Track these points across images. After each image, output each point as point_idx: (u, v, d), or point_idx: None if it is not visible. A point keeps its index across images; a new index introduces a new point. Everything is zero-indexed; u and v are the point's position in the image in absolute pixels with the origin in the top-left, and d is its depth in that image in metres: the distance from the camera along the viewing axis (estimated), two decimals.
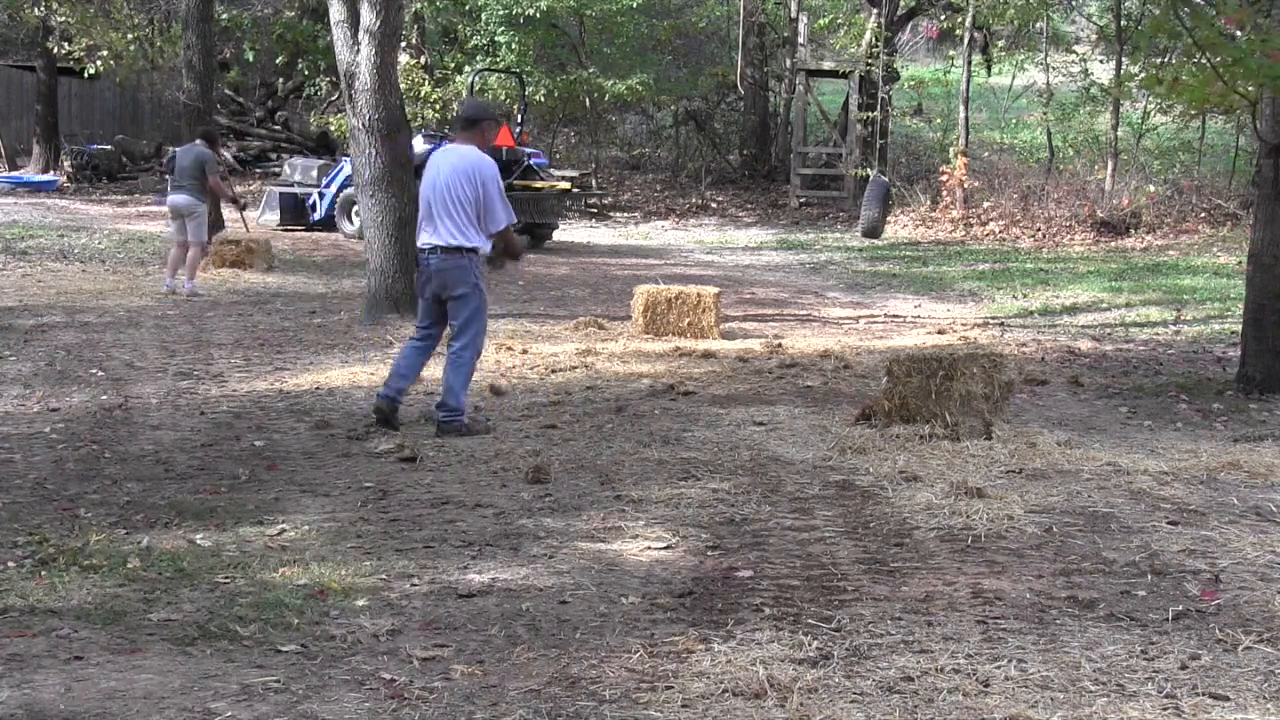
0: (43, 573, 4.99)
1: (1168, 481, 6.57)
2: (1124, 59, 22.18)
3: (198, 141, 13.75)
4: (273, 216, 20.28)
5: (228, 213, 17.47)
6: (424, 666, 4.18)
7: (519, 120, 20.70)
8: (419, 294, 8.00)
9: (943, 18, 26.36)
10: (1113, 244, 20.12)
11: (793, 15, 27.20)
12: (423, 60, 26.31)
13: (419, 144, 18.32)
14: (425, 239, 7.76)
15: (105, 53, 20.89)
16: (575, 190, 23.54)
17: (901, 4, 26.56)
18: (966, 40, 23.60)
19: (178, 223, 13.56)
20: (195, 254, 13.54)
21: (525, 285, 14.99)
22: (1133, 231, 20.73)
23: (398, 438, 7.38)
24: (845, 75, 25.18)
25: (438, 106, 25.36)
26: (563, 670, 4.14)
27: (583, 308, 13.27)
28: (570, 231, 21.95)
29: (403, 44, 24.80)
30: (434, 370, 8.31)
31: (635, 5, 25.66)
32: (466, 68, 25.67)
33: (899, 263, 18.50)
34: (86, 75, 22.89)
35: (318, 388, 8.97)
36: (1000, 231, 21.70)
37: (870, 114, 23.90)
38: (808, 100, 26.81)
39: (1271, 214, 9.11)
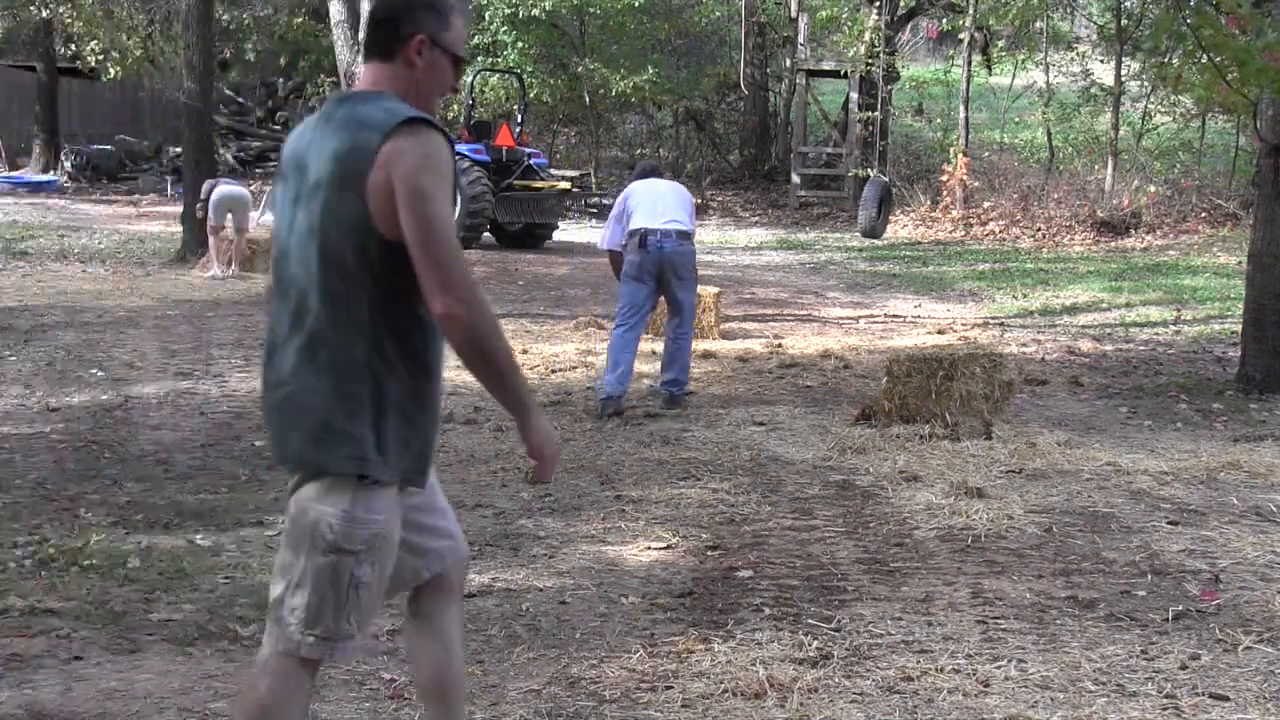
0: (43, 573, 5.00)
1: (1168, 481, 6.57)
2: (1124, 58, 22.16)
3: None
4: (273, 216, 20.29)
5: None
6: None
7: (519, 120, 20.69)
8: (637, 275, 8.15)
9: (944, 21, 26.31)
10: (1113, 244, 20.11)
11: (793, 15, 27.18)
12: None
13: None
14: (657, 222, 8.05)
15: (116, 55, 20.85)
16: (575, 190, 23.52)
17: (902, 4, 26.53)
18: (966, 40, 23.56)
19: (231, 213, 14.63)
20: (242, 241, 15.08)
21: (525, 285, 14.98)
22: (1133, 231, 20.71)
23: None
24: (845, 75, 25.16)
25: (439, 106, 25.33)
26: (563, 670, 4.14)
27: (583, 308, 13.25)
28: (570, 231, 21.94)
29: None
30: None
31: (637, 4, 25.63)
32: (469, 67, 25.67)
33: (899, 263, 18.49)
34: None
35: None
36: (1000, 231, 21.68)
37: (870, 114, 23.88)
38: (808, 100, 26.79)
39: (1271, 214, 9.11)
